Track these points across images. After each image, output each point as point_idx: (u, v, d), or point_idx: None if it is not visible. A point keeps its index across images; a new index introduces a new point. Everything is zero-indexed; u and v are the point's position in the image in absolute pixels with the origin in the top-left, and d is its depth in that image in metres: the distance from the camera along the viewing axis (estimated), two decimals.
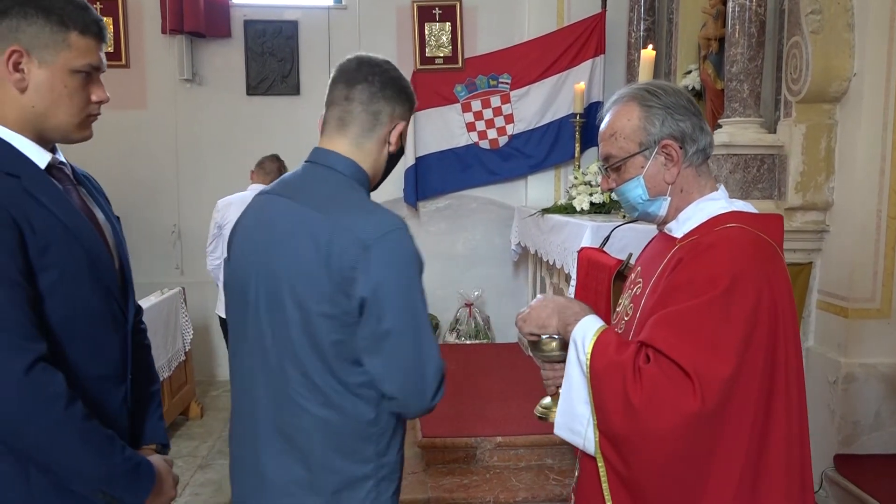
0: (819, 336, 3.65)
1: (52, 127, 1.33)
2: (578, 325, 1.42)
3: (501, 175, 5.94)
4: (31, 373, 1.17)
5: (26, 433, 1.19)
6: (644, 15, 5.20)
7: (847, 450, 3.42)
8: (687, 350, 1.27)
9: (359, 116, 1.54)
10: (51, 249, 1.25)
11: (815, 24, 3.41)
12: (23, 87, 1.28)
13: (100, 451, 1.25)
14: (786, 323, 1.35)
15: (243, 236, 1.57)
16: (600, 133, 1.53)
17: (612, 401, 1.31)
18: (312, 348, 1.40)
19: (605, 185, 1.56)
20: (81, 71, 1.31)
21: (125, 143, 5.72)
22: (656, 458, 1.30)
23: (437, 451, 3.73)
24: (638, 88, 1.50)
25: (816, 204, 3.58)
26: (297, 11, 5.84)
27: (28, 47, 1.26)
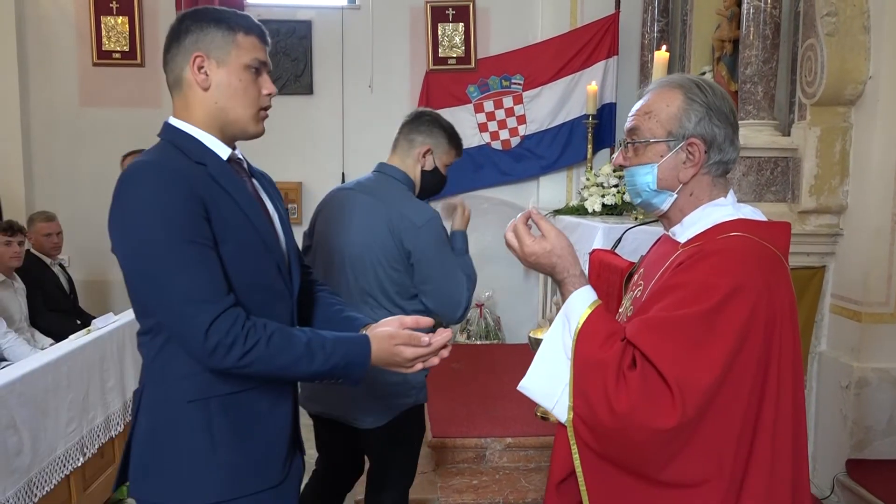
0: (832, 340, 3.62)
1: (232, 120, 1.54)
2: (574, 295, 1.40)
3: (513, 176, 5.94)
4: (211, 330, 1.37)
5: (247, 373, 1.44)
6: (658, 16, 5.18)
7: (859, 455, 3.40)
8: (673, 361, 1.26)
9: (401, 142, 2.46)
10: (230, 225, 1.46)
11: (831, 27, 3.39)
12: (206, 86, 1.51)
13: (301, 362, 1.46)
14: (783, 335, 1.32)
15: (329, 219, 2.40)
16: (635, 108, 1.49)
17: (594, 397, 1.31)
18: (381, 292, 2.31)
19: (619, 160, 1.52)
20: (251, 66, 1.53)
21: (140, 141, 5.69)
22: (628, 457, 1.32)
23: (447, 452, 3.73)
24: (688, 79, 1.47)
25: (830, 207, 3.56)
26: (310, 11, 5.86)
27: (207, 51, 1.51)
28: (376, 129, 5.73)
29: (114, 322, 3.61)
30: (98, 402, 3.24)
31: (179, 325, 1.40)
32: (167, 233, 1.38)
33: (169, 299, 1.39)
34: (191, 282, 1.38)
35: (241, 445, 1.50)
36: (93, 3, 5.66)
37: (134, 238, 1.41)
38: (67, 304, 4.76)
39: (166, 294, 1.39)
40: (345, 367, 1.50)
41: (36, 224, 4.58)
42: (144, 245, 1.40)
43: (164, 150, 1.51)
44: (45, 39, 5.70)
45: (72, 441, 2.98)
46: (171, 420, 1.48)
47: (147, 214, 1.39)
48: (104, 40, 5.71)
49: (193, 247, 1.39)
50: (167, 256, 1.38)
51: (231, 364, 1.39)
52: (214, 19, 1.53)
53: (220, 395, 1.47)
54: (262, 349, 1.41)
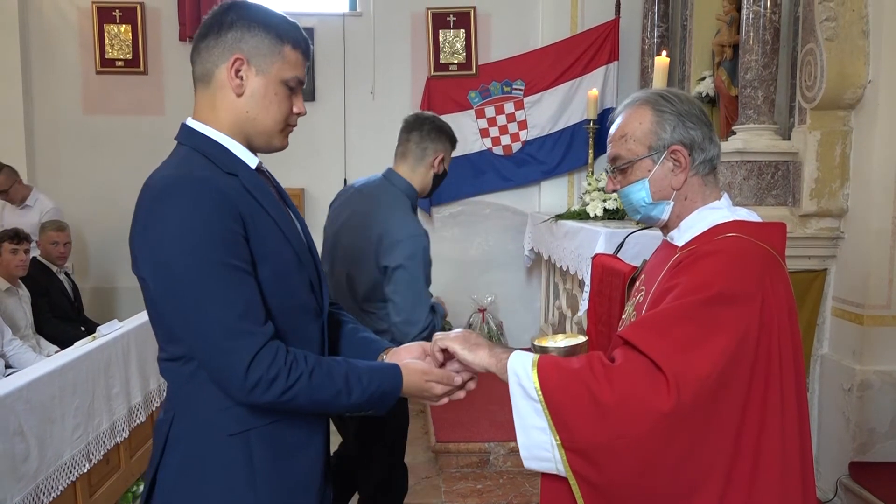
0: (834, 343, 3.63)
1: (259, 131, 1.44)
2: (512, 356, 1.41)
3: (515, 181, 5.96)
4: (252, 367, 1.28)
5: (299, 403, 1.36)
6: (658, 21, 5.21)
7: (862, 457, 3.40)
8: (662, 346, 1.26)
9: (413, 151, 2.58)
10: (267, 244, 1.37)
11: (830, 31, 3.41)
12: (240, 93, 1.41)
13: (341, 396, 1.39)
14: (782, 334, 1.33)
15: (335, 214, 2.67)
16: (610, 135, 1.54)
17: (576, 411, 1.27)
18: (352, 293, 2.52)
19: (610, 186, 1.57)
20: (290, 83, 1.44)
21: (143, 148, 5.77)
22: (631, 461, 1.25)
23: (451, 456, 3.74)
24: (652, 93, 1.51)
25: (831, 211, 3.57)
26: (312, 18, 5.89)
27: (248, 56, 1.40)
28: (378, 135, 5.76)
29: (118, 329, 3.63)
30: (103, 409, 3.25)
31: (216, 359, 1.30)
32: (204, 256, 1.27)
33: (204, 331, 1.28)
34: (229, 312, 1.28)
35: (280, 478, 1.40)
36: (96, 12, 5.69)
37: (166, 261, 1.29)
38: (73, 312, 4.79)
39: (202, 325, 1.28)
40: (379, 399, 1.45)
41: (47, 232, 4.62)
42: (179, 269, 1.28)
43: (191, 159, 1.39)
44: (48, 48, 5.73)
45: (78, 447, 2.99)
46: (208, 454, 1.37)
47: (183, 236, 1.28)
48: (107, 48, 5.74)
49: (232, 272, 1.29)
50: (204, 283, 1.27)
51: (271, 399, 1.31)
52: (264, 23, 1.43)
53: (260, 426, 1.38)
54: (305, 384, 1.33)
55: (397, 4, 5.87)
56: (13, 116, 5.62)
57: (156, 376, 3.99)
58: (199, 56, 1.45)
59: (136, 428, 3.68)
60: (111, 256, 5.84)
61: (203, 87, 1.46)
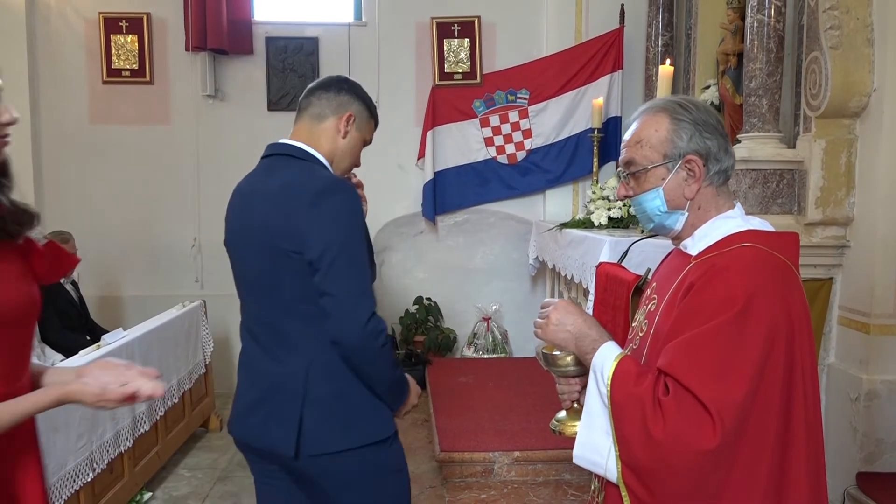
0: (840, 352, 3.61)
1: (337, 164, 2.00)
2: (598, 353, 1.42)
3: (519, 190, 5.96)
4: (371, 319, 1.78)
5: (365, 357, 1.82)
6: (662, 30, 5.21)
7: (870, 468, 3.38)
8: (703, 380, 1.28)
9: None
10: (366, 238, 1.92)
11: (835, 40, 3.40)
12: (344, 136, 1.97)
13: (392, 366, 1.89)
14: (802, 342, 1.34)
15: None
16: (625, 139, 1.53)
17: (633, 433, 1.32)
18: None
19: (621, 192, 1.56)
20: (366, 143, 2.05)
21: (149, 157, 5.82)
22: (679, 488, 1.30)
23: (455, 466, 3.73)
24: (670, 101, 1.50)
25: (837, 219, 3.56)
26: (317, 28, 5.92)
27: (356, 116, 1.98)
28: (383, 144, 5.77)
29: (123, 337, 3.64)
30: (107, 418, 3.26)
31: (351, 310, 1.76)
32: (359, 237, 1.82)
33: (350, 288, 1.77)
34: (366, 278, 1.80)
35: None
36: (103, 22, 5.73)
37: (338, 238, 1.77)
38: (79, 320, 4.80)
39: (351, 284, 1.77)
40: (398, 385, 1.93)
41: None
42: (346, 243, 1.77)
43: (321, 168, 1.93)
44: (55, 58, 5.77)
45: (82, 456, 2.99)
46: (347, 381, 1.83)
47: (349, 220, 1.80)
48: (114, 58, 5.77)
49: (366, 251, 1.85)
50: (359, 255, 1.80)
51: (377, 345, 1.78)
52: (366, 102, 2.02)
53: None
54: (389, 345, 1.83)
55: (402, 14, 5.90)
56: (20, 126, 5.56)
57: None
58: (317, 100, 1.97)
59: (140, 437, 3.68)
60: (117, 265, 5.86)
61: (313, 121, 1.96)
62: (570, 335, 1.48)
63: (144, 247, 5.86)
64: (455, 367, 5.43)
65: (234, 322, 2.08)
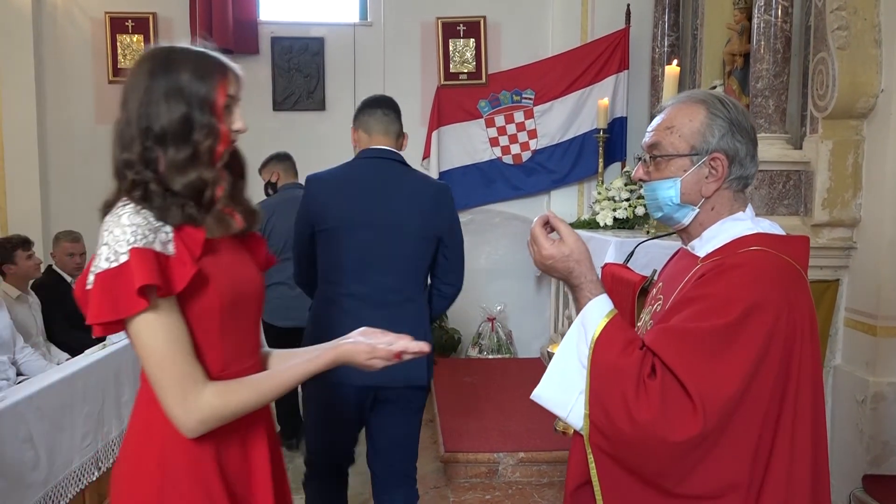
0: (847, 354, 3.60)
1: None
2: (589, 304, 1.39)
3: (524, 190, 5.95)
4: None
5: None
6: (668, 31, 5.20)
7: (876, 470, 3.36)
8: (695, 371, 1.26)
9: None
10: None
11: (842, 40, 3.39)
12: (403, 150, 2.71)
13: None
14: (803, 349, 1.32)
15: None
16: (655, 123, 1.49)
17: (613, 406, 1.30)
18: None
19: (639, 173, 1.51)
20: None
21: None
22: (649, 464, 1.30)
23: (460, 467, 3.73)
24: (711, 94, 1.47)
25: (843, 220, 3.55)
26: (323, 28, 5.92)
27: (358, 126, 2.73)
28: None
29: None
30: (113, 416, 3.26)
31: (462, 269, 2.73)
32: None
33: (462, 264, 2.74)
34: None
35: None
36: (109, 22, 5.74)
37: (458, 228, 2.72)
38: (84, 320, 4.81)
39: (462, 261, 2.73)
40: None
41: (61, 243, 4.64)
42: (460, 232, 2.73)
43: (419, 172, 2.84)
44: (61, 58, 5.78)
45: (87, 455, 3.00)
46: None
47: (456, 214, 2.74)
48: (120, 58, 5.78)
49: None
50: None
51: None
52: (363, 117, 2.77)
53: None
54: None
55: (407, 14, 5.90)
56: (26, 125, 5.66)
57: None
58: (394, 119, 2.70)
59: None
60: None
61: (390, 136, 2.67)
62: (567, 257, 1.41)
63: None
64: (460, 368, 5.43)
65: None
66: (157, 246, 1.30)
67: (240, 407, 1.35)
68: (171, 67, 1.37)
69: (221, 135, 1.40)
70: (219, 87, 1.40)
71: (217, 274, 1.38)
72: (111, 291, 1.27)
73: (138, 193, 1.34)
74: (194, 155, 1.36)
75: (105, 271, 1.27)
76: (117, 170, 1.39)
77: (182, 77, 1.36)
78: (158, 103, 1.34)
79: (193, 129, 1.35)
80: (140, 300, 1.25)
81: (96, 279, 1.28)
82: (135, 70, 1.40)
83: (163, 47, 1.42)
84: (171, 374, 1.30)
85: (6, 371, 3.78)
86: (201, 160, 1.37)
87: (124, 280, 1.26)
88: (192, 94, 1.36)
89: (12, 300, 4.20)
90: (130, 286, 1.25)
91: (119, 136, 1.39)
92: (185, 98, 1.35)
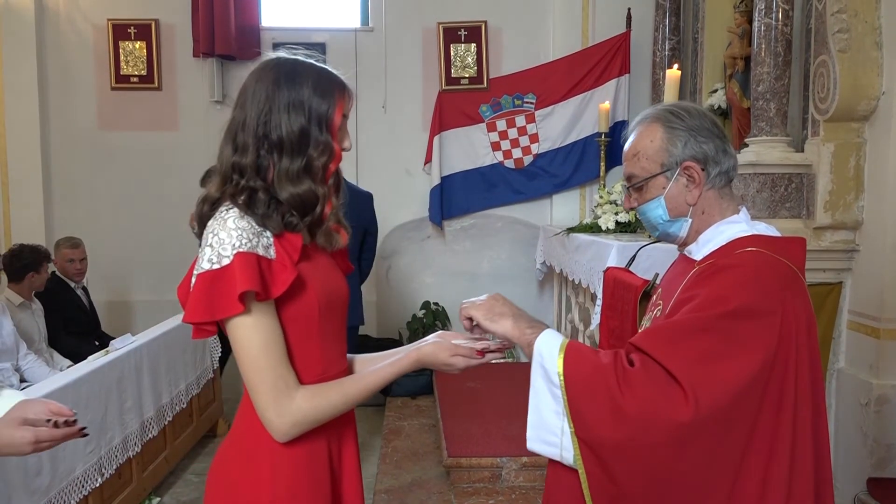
0: (850, 357, 3.59)
1: None
2: (541, 336, 1.40)
3: (526, 194, 5.96)
4: None
5: None
6: (669, 34, 5.21)
7: (880, 473, 3.35)
8: (681, 360, 1.25)
9: None
10: None
11: (843, 43, 3.39)
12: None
13: None
14: (800, 350, 1.32)
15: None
16: (624, 152, 1.55)
17: (597, 409, 1.28)
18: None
19: (627, 204, 1.58)
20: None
21: (158, 162, 5.84)
22: (644, 469, 1.26)
23: (463, 472, 3.72)
24: (662, 109, 1.51)
25: (846, 223, 3.54)
26: (324, 34, 5.94)
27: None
28: (390, 149, 5.79)
29: (132, 343, 3.64)
30: (116, 423, 3.26)
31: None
32: None
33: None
34: None
35: None
36: (111, 29, 5.77)
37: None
38: (88, 326, 4.82)
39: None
40: None
41: (61, 250, 4.67)
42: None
43: None
44: (64, 64, 5.81)
45: (90, 462, 3.00)
46: None
47: None
48: (122, 65, 5.81)
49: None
50: None
51: None
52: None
53: None
54: None
55: (409, 19, 5.91)
56: (29, 132, 5.69)
57: (168, 390, 4.00)
58: None
59: (149, 442, 3.68)
60: (126, 270, 5.88)
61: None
62: (507, 312, 1.47)
63: (153, 252, 5.88)
64: (463, 372, 5.40)
65: None
66: (259, 250, 1.32)
67: (329, 411, 1.37)
68: (296, 80, 1.39)
69: (335, 153, 1.43)
70: (337, 106, 1.43)
71: (313, 278, 1.40)
72: (209, 293, 1.29)
73: (243, 199, 1.36)
74: (306, 168, 1.38)
75: (206, 272, 1.30)
76: (225, 170, 1.40)
77: (304, 91, 1.39)
78: (279, 113, 1.37)
79: (309, 144, 1.38)
80: (237, 304, 1.28)
81: (197, 280, 1.31)
82: (258, 77, 1.42)
83: (288, 58, 1.44)
84: (265, 377, 1.32)
85: (9, 378, 3.79)
86: (314, 175, 1.39)
87: (225, 283, 1.28)
88: (313, 109, 1.39)
89: (15, 307, 4.21)
90: (230, 289, 1.28)
91: (233, 137, 1.40)
92: (306, 112, 1.38)
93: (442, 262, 6.09)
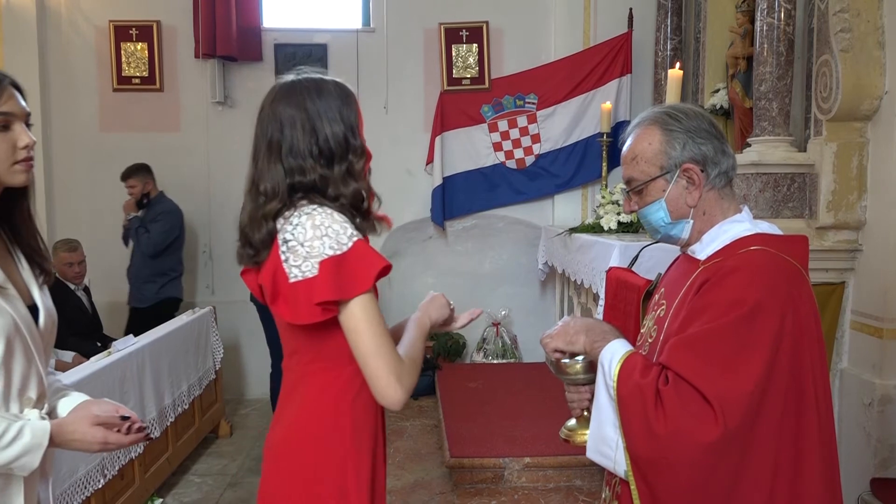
0: (853, 357, 3.58)
1: None
2: (606, 347, 1.43)
3: (528, 194, 5.95)
4: None
5: None
6: (671, 34, 5.20)
7: (884, 473, 3.34)
8: (707, 374, 1.27)
9: None
10: None
11: (845, 43, 3.39)
12: None
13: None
14: (811, 346, 1.34)
15: None
16: (622, 156, 1.55)
17: (635, 426, 1.32)
18: None
19: (627, 207, 1.59)
20: None
21: (159, 164, 5.81)
22: (680, 484, 1.29)
23: (465, 472, 3.71)
24: (659, 112, 1.51)
25: (849, 223, 3.53)
26: (326, 35, 5.94)
27: None
28: (391, 150, 5.78)
29: (133, 344, 3.64)
30: None
31: None
32: None
33: None
34: None
35: None
36: (113, 30, 5.77)
37: None
38: (90, 328, 4.81)
39: None
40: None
41: (58, 253, 4.62)
42: None
43: None
44: (66, 66, 5.81)
45: (92, 463, 3.00)
46: None
47: None
48: (124, 66, 5.81)
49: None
50: None
51: None
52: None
53: None
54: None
55: (410, 20, 5.91)
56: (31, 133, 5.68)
57: (171, 391, 4.00)
58: None
59: (151, 443, 3.68)
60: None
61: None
62: (579, 328, 1.51)
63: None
64: (465, 373, 5.42)
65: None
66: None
67: (416, 379, 1.49)
68: (323, 95, 1.54)
69: (368, 153, 1.60)
70: (358, 113, 1.59)
71: None
72: (338, 275, 1.38)
73: (318, 199, 1.48)
74: (349, 171, 1.53)
75: (330, 258, 1.39)
76: (282, 192, 1.50)
77: (334, 103, 1.54)
78: (323, 128, 1.51)
79: (349, 150, 1.53)
80: (369, 282, 1.40)
81: (322, 265, 1.39)
82: (285, 101, 1.54)
83: (304, 78, 1.58)
84: (387, 352, 1.42)
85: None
86: (357, 176, 1.54)
87: (351, 264, 1.39)
88: (345, 118, 1.54)
89: None
90: (360, 269, 1.40)
91: (279, 159, 1.52)
92: (343, 121, 1.53)
93: (444, 263, 6.08)
